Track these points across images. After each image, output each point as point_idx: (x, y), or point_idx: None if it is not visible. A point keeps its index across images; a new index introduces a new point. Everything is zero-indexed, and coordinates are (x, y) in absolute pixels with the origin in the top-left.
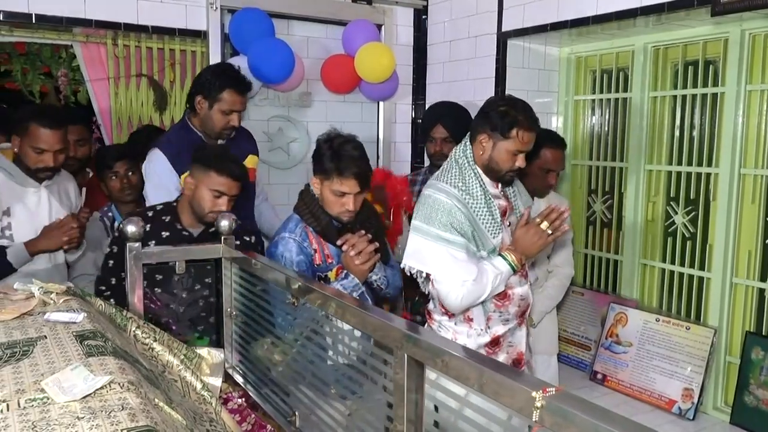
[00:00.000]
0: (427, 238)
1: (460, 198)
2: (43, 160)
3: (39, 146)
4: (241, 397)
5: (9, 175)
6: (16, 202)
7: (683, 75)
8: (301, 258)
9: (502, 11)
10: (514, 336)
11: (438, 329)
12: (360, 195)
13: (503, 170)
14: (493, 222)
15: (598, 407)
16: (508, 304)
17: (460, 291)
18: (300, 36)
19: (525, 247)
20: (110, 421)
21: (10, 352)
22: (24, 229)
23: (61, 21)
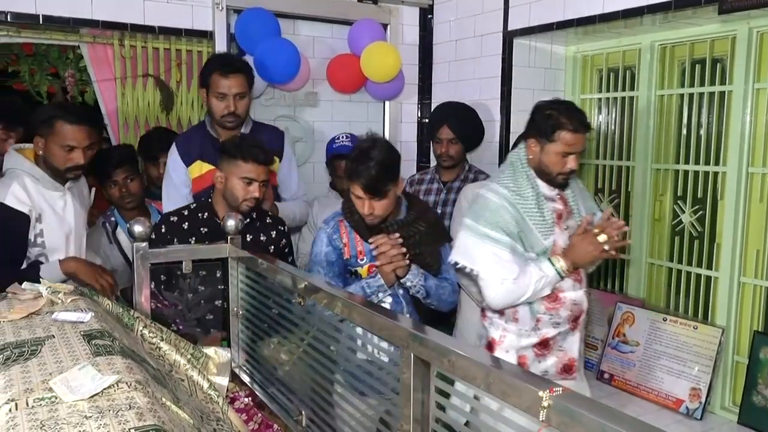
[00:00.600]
0: (474, 235)
1: (509, 198)
2: (73, 159)
3: (68, 143)
4: (247, 396)
5: (35, 180)
6: (46, 207)
7: (690, 73)
8: (329, 249)
9: (508, 10)
10: (565, 341)
11: (489, 325)
12: (376, 201)
13: (554, 173)
14: (544, 223)
15: (605, 407)
16: (559, 307)
17: (498, 289)
18: (306, 36)
19: (577, 255)
20: (118, 420)
21: (18, 352)
22: (54, 235)
23: (68, 22)
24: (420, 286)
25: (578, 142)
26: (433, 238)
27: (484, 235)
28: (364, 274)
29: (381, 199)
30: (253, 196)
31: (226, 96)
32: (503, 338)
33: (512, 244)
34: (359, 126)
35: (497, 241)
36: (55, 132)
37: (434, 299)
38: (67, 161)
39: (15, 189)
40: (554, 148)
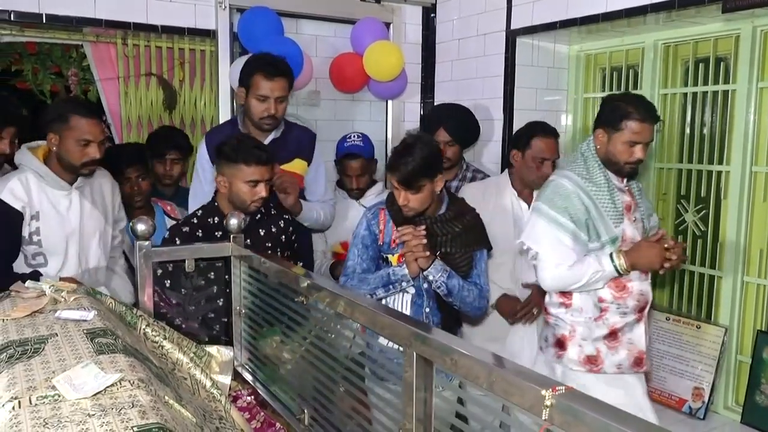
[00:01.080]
0: (541, 217)
1: (582, 185)
2: (89, 153)
3: (84, 138)
4: (250, 394)
5: (40, 177)
6: (47, 205)
7: (694, 72)
8: (366, 233)
9: (511, 9)
10: (632, 332)
11: (555, 323)
12: (411, 194)
13: (621, 162)
14: (615, 211)
15: (608, 406)
16: (626, 296)
17: (552, 271)
18: (308, 35)
19: (639, 259)
20: (120, 418)
21: (21, 350)
22: (53, 235)
23: (72, 21)
24: (442, 282)
25: (645, 131)
26: (467, 241)
27: (549, 217)
28: (394, 261)
29: (416, 192)
30: (260, 196)
31: (267, 99)
32: (573, 333)
33: (575, 231)
34: (362, 125)
35: (561, 225)
36: (71, 127)
37: (457, 299)
38: (84, 156)
39: (13, 185)
40: (621, 137)
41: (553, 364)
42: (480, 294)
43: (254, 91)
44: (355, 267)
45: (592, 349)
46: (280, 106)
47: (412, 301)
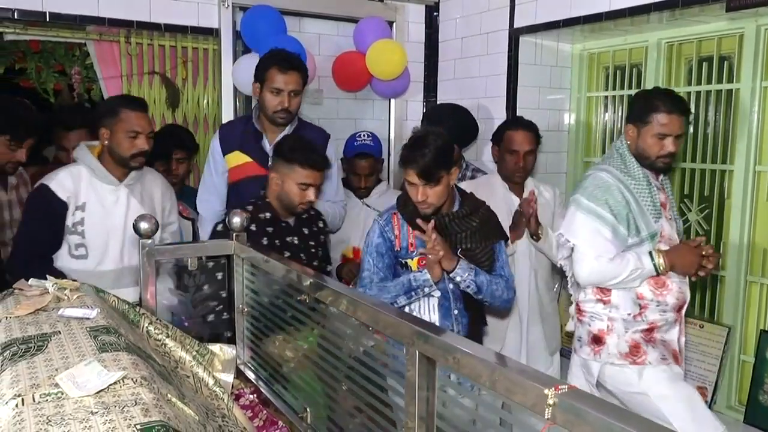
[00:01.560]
0: (580, 209)
1: (622, 179)
2: (138, 145)
3: (134, 129)
4: (252, 393)
5: (91, 171)
6: (93, 198)
7: (697, 71)
8: (380, 241)
9: (514, 7)
10: (668, 332)
11: (590, 321)
12: (429, 188)
13: (652, 156)
14: (653, 206)
15: (611, 405)
16: (666, 293)
17: (591, 264)
18: (311, 33)
19: (678, 261)
20: (123, 416)
21: (24, 347)
22: (96, 227)
23: (75, 19)
24: (470, 281)
25: (674, 123)
26: (486, 234)
27: (588, 209)
28: (414, 266)
29: (435, 185)
30: (309, 200)
31: (281, 92)
32: (612, 327)
33: (615, 224)
34: (364, 124)
35: (601, 217)
36: (120, 120)
37: (487, 295)
38: (133, 147)
39: (62, 175)
40: (650, 130)
41: (589, 363)
42: (507, 285)
43: (269, 84)
44: (371, 277)
45: (631, 341)
46: (293, 100)
47: (439, 304)
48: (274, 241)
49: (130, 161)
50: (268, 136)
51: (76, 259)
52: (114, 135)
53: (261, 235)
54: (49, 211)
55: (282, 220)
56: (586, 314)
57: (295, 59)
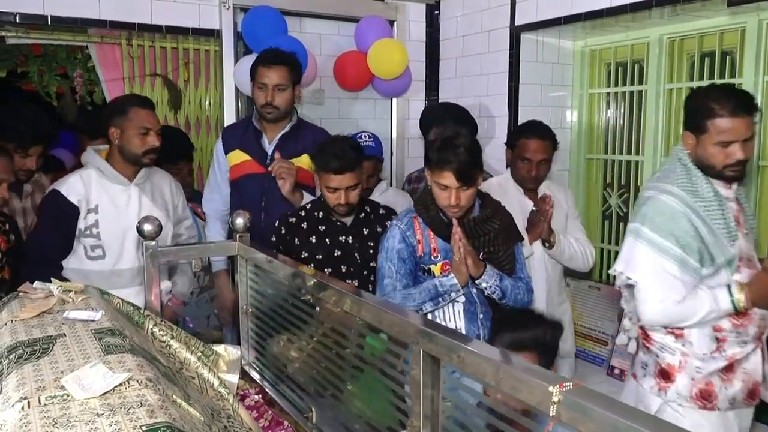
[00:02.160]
0: (640, 240)
1: (689, 202)
2: (148, 141)
3: (144, 126)
4: (257, 393)
5: (100, 173)
6: (105, 199)
7: (699, 66)
8: (402, 246)
9: (515, 5)
10: (749, 361)
11: (660, 350)
12: (463, 190)
13: (717, 166)
14: (728, 229)
15: (616, 402)
16: (748, 323)
17: (656, 307)
18: (312, 33)
19: (763, 292)
20: (129, 417)
21: (30, 350)
22: (110, 227)
23: (76, 22)
24: (495, 286)
25: (737, 127)
26: (507, 237)
27: (651, 242)
28: (437, 272)
29: (470, 187)
30: (338, 203)
31: (266, 86)
32: (684, 364)
33: (683, 258)
34: (366, 123)
35: (666, 252)
36: (130, 118)
37: (510, 299)
38: (144, 144)
39: (73, 180)
40: (710, 139)
41: (650, 396)
42: (527, 288)
43: (257, 81)
44: (394, 284)
45: (705, 384)
46: (279, 95)
47: (464, 309)
48: (324, 240)
49: (142, 158)
50: (267, 135)
51: (93, 260)
52: (124, 133)
53: (311, 233)
54: (60, 215)
55: (336, 219)
56: (654, 343)
57: (282, 54)
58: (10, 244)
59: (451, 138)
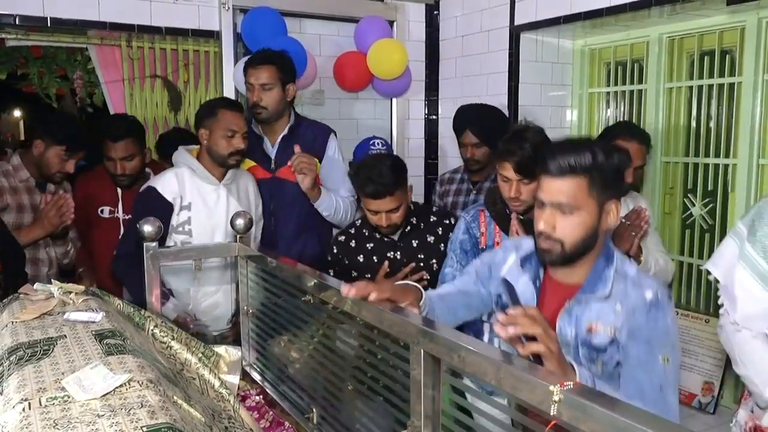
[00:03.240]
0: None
1: None
2: (234, 144)
3: (231, 128)
4: (258, 394)
5: (192, 171)
6: (197, 198)
7: (699, 65)
8: (465, 237)
9: (515, 5)
10: None
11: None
12: (525, 184)
13: None
14: None
15: (617, 401)
16: None
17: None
18: (312, 34)
19: None
20: (130, 418)
21: (31, 352)
22: (201, 225)
23: (76, 24)
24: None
25: None
26: None
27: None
28: None
29: (531, 181)
30: (381, 224)
31: (252, 86)
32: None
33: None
34: (366, 123)
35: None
36: (218, 120)
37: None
38: (230, 146)
39: (168, 177)
40: None
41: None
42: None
43: (246, 82)
44: (454, 273)
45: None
46: (264, 94)
47: None
48: (372, 258)
49: (228, 159)
50: (269, 139)
51: None
52: (212, 135)
53: (359, 251)
54: (154, 211)
55: (384, 236)
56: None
57: (268, 54)
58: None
59: (520, 131)
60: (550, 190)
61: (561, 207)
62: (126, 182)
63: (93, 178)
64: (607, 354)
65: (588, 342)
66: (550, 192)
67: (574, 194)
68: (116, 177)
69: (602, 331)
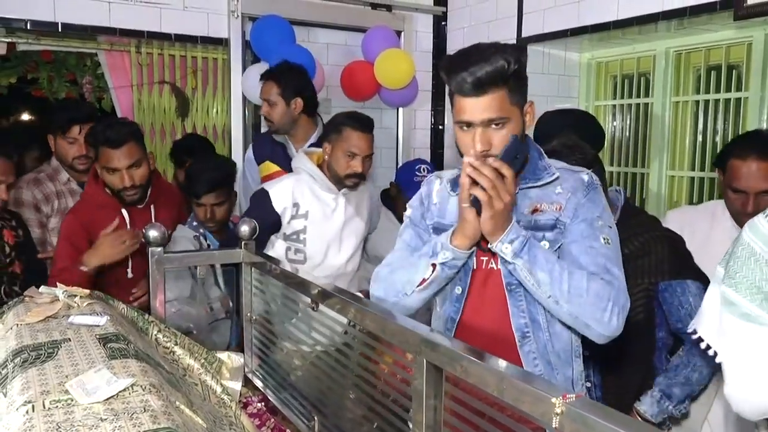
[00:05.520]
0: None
1: None
2: (352, 166)
3: (351, 150)
4: (260, 401)
5: (312, 179)
6: (316, 206)
7: (705, 80)
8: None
9: (522, 17)
10: None
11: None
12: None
13: None
14: None
15: (619, 414)
16: None
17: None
18: (320, 43)
19: None
20: (132, 422)
21: (35, 354)
22: (316, 234)
23: (86, 29)
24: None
25: None
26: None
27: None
28: None
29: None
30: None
31: (262, 101)
32: None
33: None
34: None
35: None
36: (342, 138)
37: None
38: (348, 167)
39: (284, 185)
40: None
41: None
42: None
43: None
44: None
45: None
46: (270, 109)
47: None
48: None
49: (345, 180)
50: (294, 146)
51: (292, 262)
52: (334, 152)
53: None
54: (261, 216)
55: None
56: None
57: (271, 69)
58: (18, 238)
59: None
60: (475, 110)
61: (492, 122)
62: (137, 196)
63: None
64: (552, 234)
65: (533, 224)
66: (476, 111)
67: (500, 107)
68: (122, 192)
69: (547, 210)
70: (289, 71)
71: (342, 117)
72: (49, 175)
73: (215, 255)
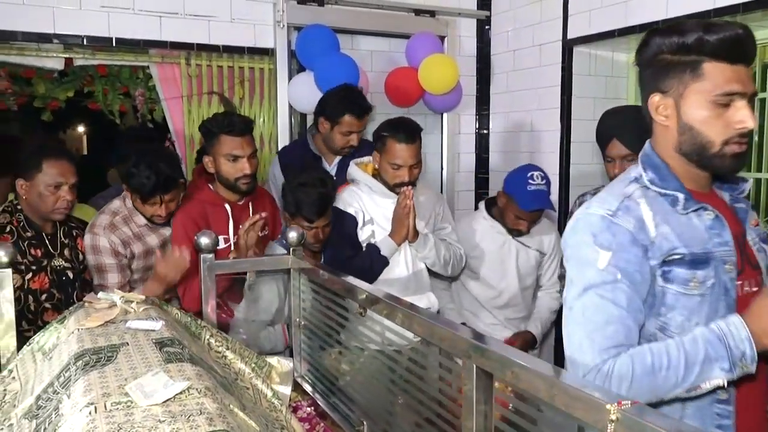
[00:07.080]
0: None
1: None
2: (399, 176)
3: (395, 162)
4: (310, 405)
5: (369, 189)
6: (378, 212)
7: (761, 77)
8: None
9: (567, 18)
10: None
11: None
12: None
13: None
14: None
15: (676, 421)
16: None
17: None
18: (364, 50)
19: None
20: (190, 424)
21: (96, 358)
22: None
23: (139, 43)
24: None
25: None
26: None
27: None
28: None
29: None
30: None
31: (351, 134)
32: None
33: None
34: None
35: None
36: (386, 150)
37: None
38: (395, 177)
39: (347, 194)
40: None
41: None
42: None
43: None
44: None
45: None
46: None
47: None
48: None
49: (395, 189)
50: (326, 159)
51: None
52: (381, 162)
53: None
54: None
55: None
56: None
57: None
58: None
59: None
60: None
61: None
62: (252, 185)
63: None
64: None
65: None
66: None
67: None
68: (239, 181)
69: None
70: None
71: (386, 126)
72: (124, 217)
73: (264, 261)
